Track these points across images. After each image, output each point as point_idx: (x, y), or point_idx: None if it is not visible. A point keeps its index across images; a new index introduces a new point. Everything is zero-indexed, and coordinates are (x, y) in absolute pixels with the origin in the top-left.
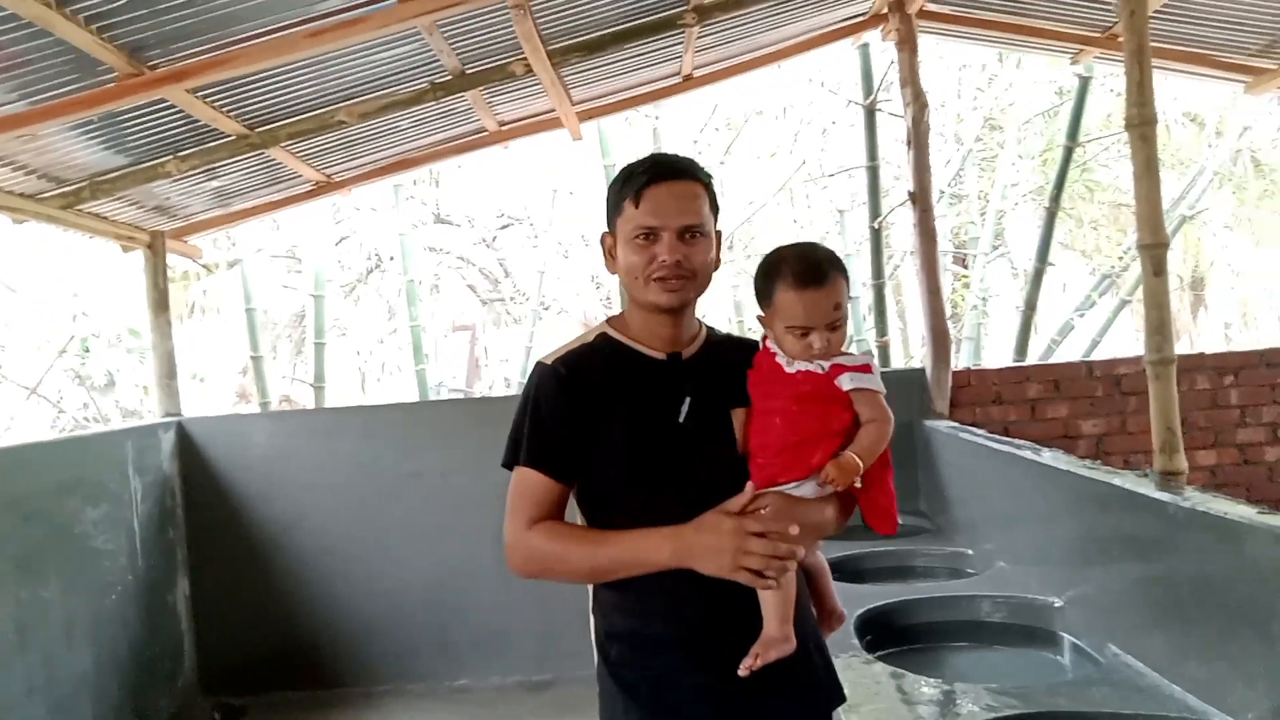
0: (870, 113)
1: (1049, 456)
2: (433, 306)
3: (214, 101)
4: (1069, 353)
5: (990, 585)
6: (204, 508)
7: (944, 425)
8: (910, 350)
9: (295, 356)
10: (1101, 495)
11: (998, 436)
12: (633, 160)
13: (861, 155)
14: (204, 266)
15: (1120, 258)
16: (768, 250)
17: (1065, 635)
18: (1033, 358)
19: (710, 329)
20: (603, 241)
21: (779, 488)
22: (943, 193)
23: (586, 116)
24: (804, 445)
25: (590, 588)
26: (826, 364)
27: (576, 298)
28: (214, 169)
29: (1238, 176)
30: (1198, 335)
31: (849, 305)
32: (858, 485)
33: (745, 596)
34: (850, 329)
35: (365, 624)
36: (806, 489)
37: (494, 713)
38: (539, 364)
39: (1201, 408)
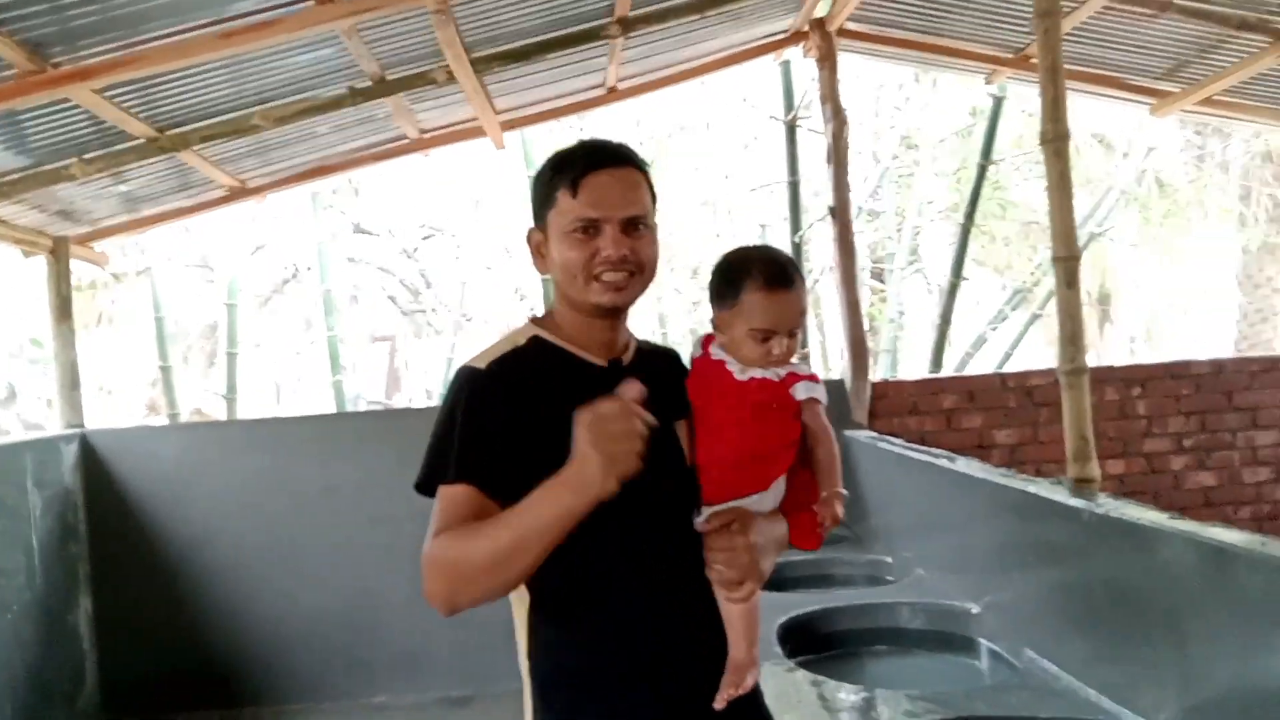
0: (791, 129)
1: (965, 465)
2: (351, 317)
3: (122, 102)
4: (982, 365)
5: (909, 592)
6: (109, 523)
7: (863, 435)
8: (829, 362)
9: (207, 368)
10: (1017, 503)
11: (915, 445)
12: (562, 147)
13: (783, 171)
14: (112, 275)
15: (1032, 273)
16: (715, 258)
17: (982, 641)
18: (948, 370)
19: (634, 337)
20: (530, 239)
21: (737, 503)
22: (860, 209)
23: (510, 126)
24: (762, 459)
25: (523, 629)
26: (782, 372)
27: (499, 309)
28: (122, 172)
29: (1143, 196)
30: (1104, 350)
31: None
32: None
33: (706, 622)
34: None
35: (278, 642)
36: (766, 503)
37: None
38: (466, 369)
39: (1110, 418)
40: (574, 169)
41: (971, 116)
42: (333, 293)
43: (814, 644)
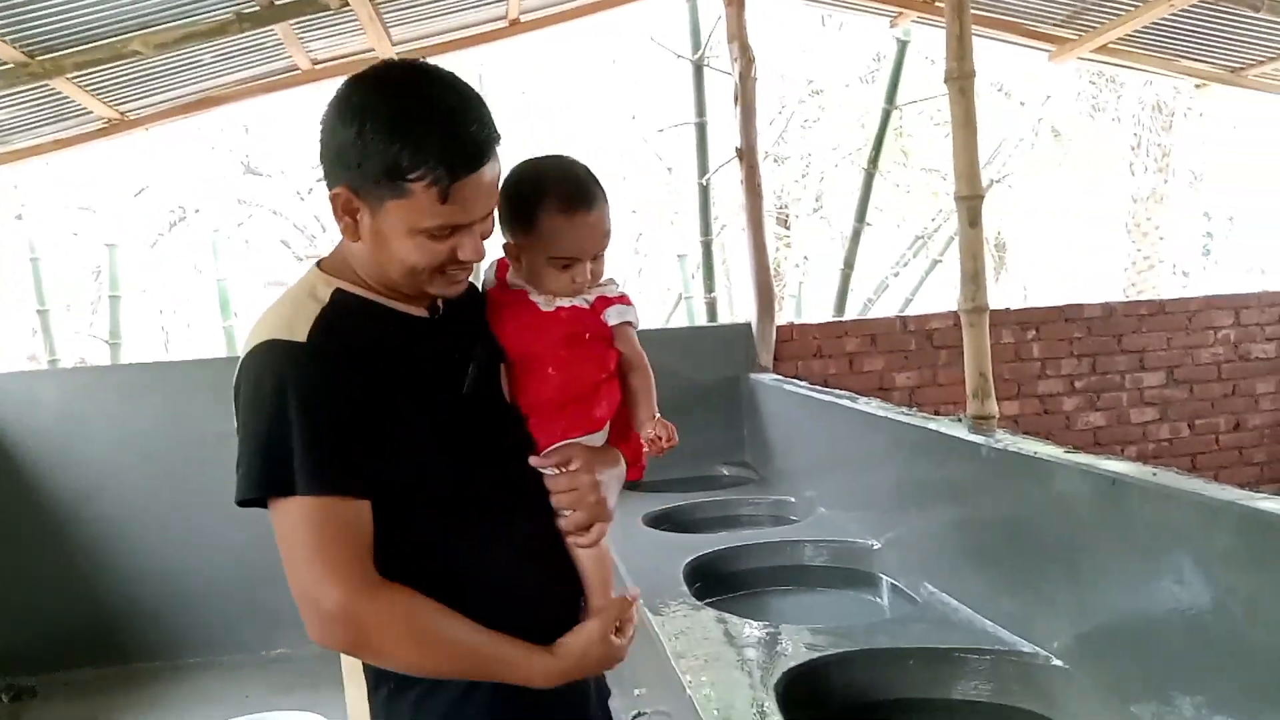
0: (698, 68)
1: (866, 404)
2: (243, 262)
3: None
4: (883, 310)
5: (812, 531)
6: None
7: (768, 378)
8: (735, 307)
9: (91, 314)
10: (917, 440)
11: (818, 387)
12: (412, 111)
13: (690, 112)
14: None
15: (933, 219)
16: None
17: (883, 576)
18: (850, 315)
19: None
20: (336, 200)
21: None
22: (766, 154)
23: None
24: (586, 396)
25: None
26: (591, 297)
27: None
28: None
29: (1039, 145)
30: (999, 296)
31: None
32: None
33: (564, 573)
34: (680, 284)
35: (173, 595)
36: (596, 440)
37: (315, 680)
38: (278, 345)
39: (1006, 360)
40: (444, 167)
41: (875, 62)
42: (222, 235)
43: (720, 584)
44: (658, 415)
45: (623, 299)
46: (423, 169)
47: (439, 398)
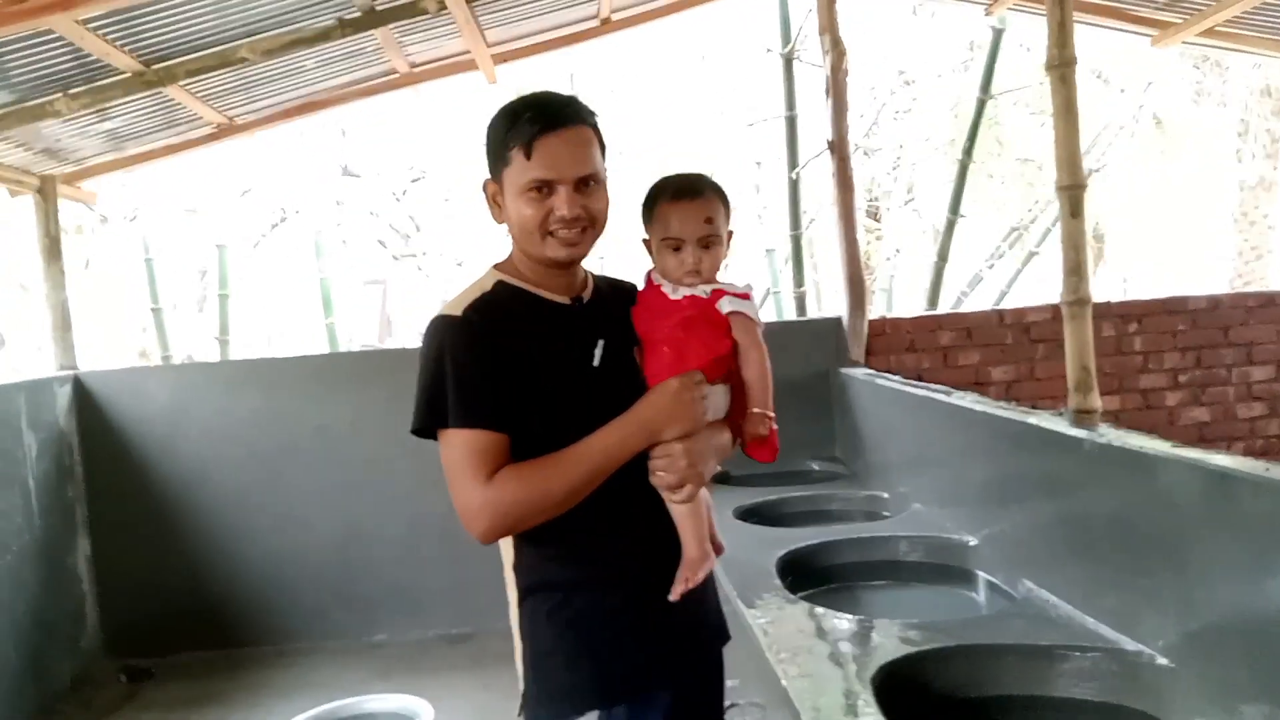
0: (788, 62)
1: (962, 399)
2: (342, 261)
3: (106, 34)
4: (977, 304)
5: (906, 526)
6: (104, 465)
7: (860, 372)
8: (825, 302)
9: (199, 312)
10: (1016, 434)
11: (912, 381)
12: (513, 102)
13: (780, 106)
14: (101, 217)
15: (1029, 210)
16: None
17: (980, 572)
18: (943, 309)
19: (589, 272)
20: (486, 190)
21: None
22: (857, 146)
23: (502, 59)
24: (695, 370)
25: (508, 548)
26: (709, 289)
27: (490, 251)
28: (107, 109)
29: (1140, 133)
30: (1098, 287)
31: (727, 232)
32: (773, 429)
33: (661, 526)
34: (769, 279)
35: (275, 581)
36: (710, 405)
37: (415, 666)
38: (442, 318)
39: (1106, 354)
40: (527, 131)
41: (970, 51)
42: (322, 235)
43: (813, 578)
44: (758, 411)
45: (742, 294)
46: (514, 136)
47: (568, 367)
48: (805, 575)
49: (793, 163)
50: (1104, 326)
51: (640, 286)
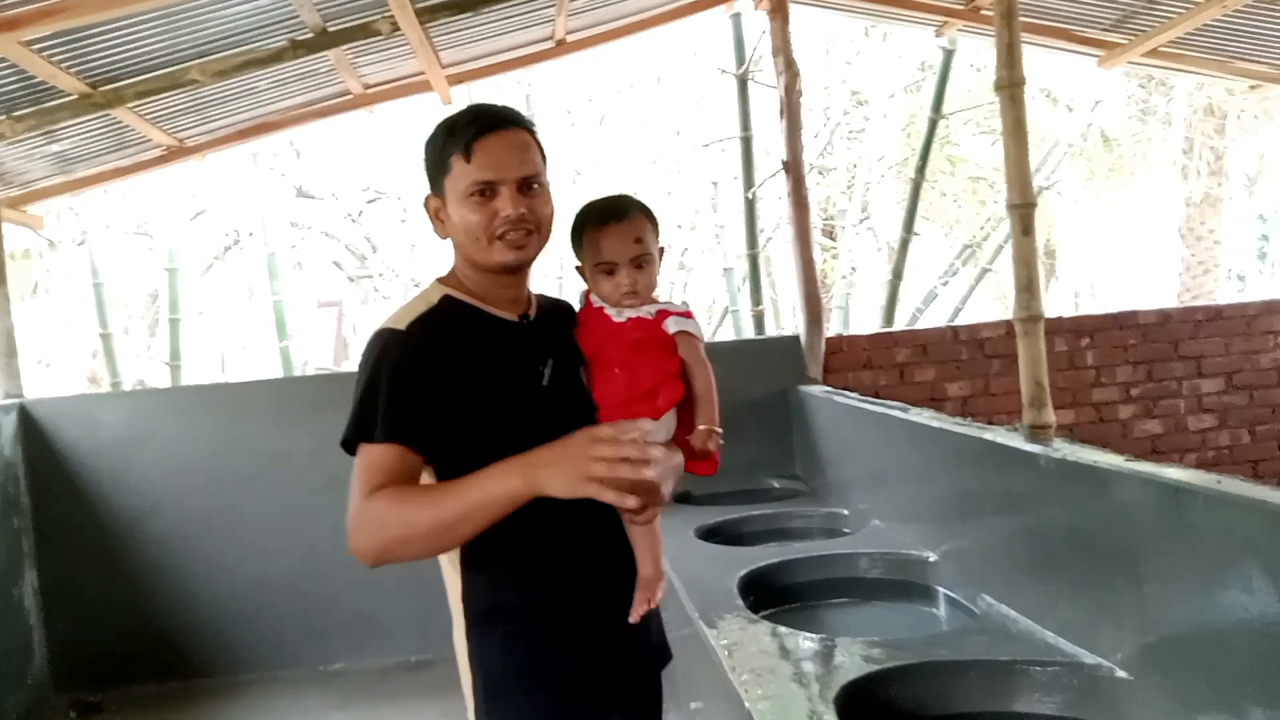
0: (742, 83)
1: (920, 415)
2: (297, 283)
3: (51, 56)
4: (932, 320)
5: (866, 543)
6: (53, 495)
7: (818, 390)
8: (782, 320)
9: (150, 337)
10: (973, 450)
11: (869, 399)
12: (450, 114)
13: (735, 126)
14: (48, 241)
15: (981, 228)
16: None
17: (940, 588)
18: (899, 326)
19: (532, 291)
20: (427, 205)
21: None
22: (811, 166)
23: (456, 80)
24: (648, 393)
25: (454, 574)
26: (653, 309)
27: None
28: (54, 131)
29: (1088, 150)
30: (1050, 303)
31: (658, 249)
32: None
33: (617, 547)
34: (727, 298)
35: (231, 611)
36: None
37: (373, 694)
38: (385, 330)
39: (1060, 369)
40: (466, 134)
41: (921, 71)
42: (276, 258)
43: (774, 597)
44: (704, 427)
45: (684, 313)
46: (453, 142)
47: (516, 387)
48: (767, 594)
49: (748, 183)
50: (1057, 341)
51: (578, 305)
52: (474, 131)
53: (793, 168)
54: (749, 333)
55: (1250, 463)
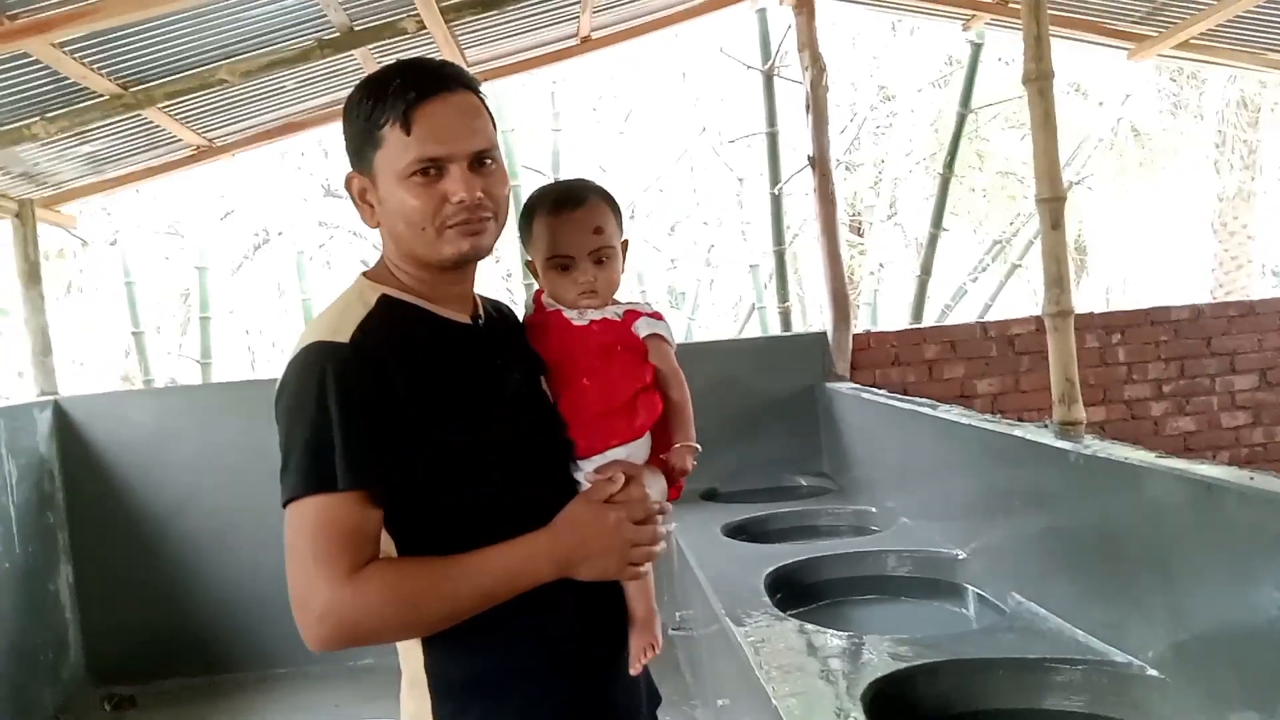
0: (769, 78)
1: (949, 412)
2: (326, 282)
3: (83, 57)
4: (961, 317)
5: (894, 541)
6: (86, 491)
7: (845, 387)
8: (809, 317)
9: (181, 336)
10: (1002, 447)
11: (898, 395)
12: (377, 72)
13: (761, 122)
14: (81, 241)
15: (1011, 223)
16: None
17: (969, 586)
18: (928, 322)
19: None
20: (350, 186)
21: (609, 456)
22: (839, 162)
23: (482, 78)
24: (624, 406)
25: (413, 646)
26: (620, 310)
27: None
28: (86, 132)
29: (1119, 145)
30: (1081, 299)
31: (621, 242)
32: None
33: (606, 591)
34: (753, 295)
35: (259, 607)
36: (640, 454)
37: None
38: (323, 346)
39: (1091, 365)
40: (403, 99)
41: (949, 66)
42: (305, 256)
43: (801, 595)
44: (683, 445)
45: (654, 314)
46: (384, 110)
47: (482, 405)
48: (794, 592)
49: (775, 179)
50: (1087, 338)
51: (525, 312)
52: (413, 96)
53: (819, 163)
54: (775, 329)
55: None
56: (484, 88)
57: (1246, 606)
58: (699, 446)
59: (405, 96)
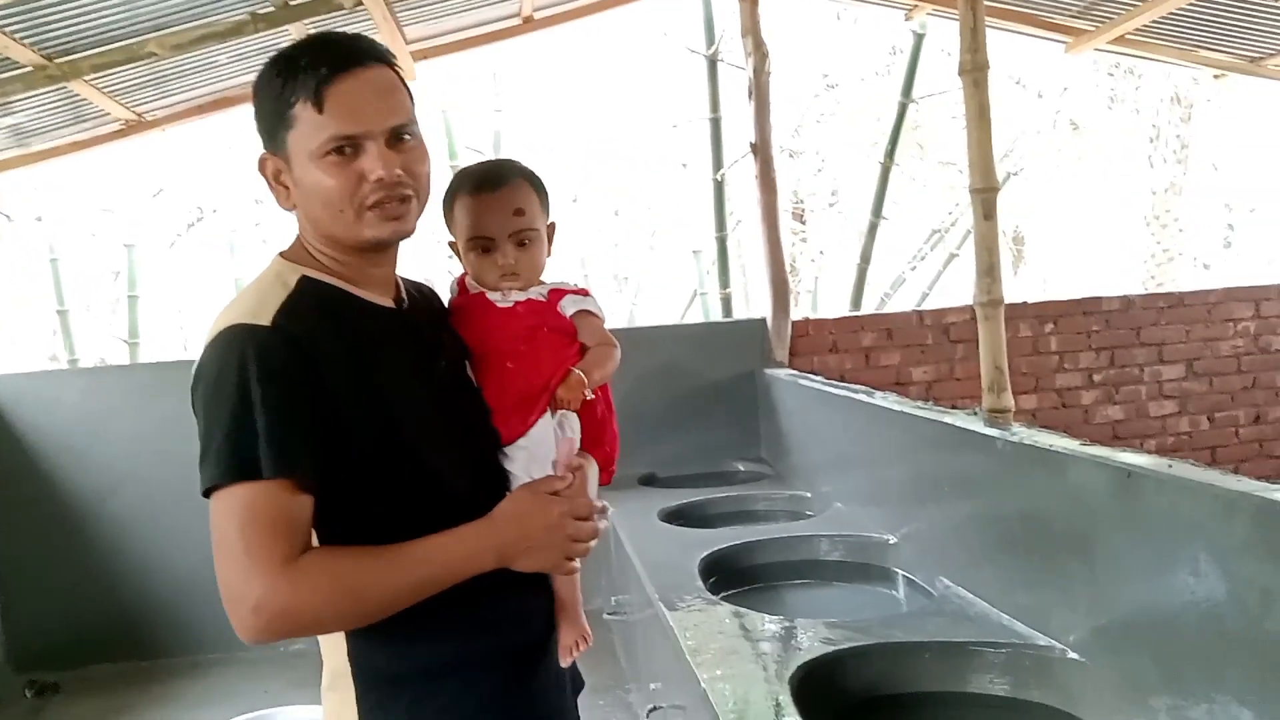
0: (712, 63)
1: (882, 399)
2: (261, 260)
3: (5, 27)
4: (901, 305)
5: (828, 525)
6: (10, 474)
7: (783, 373)
8: (752, 304)
9: (111, 315)
10: (933, 434)
11: (834, 382)
12: (287, 48)
13: (704, 107)
14: (4, 217)
15: (949, 213)
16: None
17: (899, 571)
18: (867, 310)
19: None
20: (263, 168)
21: (536, 433)
22: (781, 149)
23: (421, 56)
24: (547, 389)
25: (335, 635)
26: (545, 290)
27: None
28: (8, 104)
29: (1056, 138)
30: (1017, 289)
31: (547, 225)
32: (588, 396)
33: (535, 582)
34: (695, 281)
35: (189, 590)
36: (572, 436)
37: None
38: (243, 329)
39: (1023, 354)
40: (313, 75)
41: (892, 55)
42: (239, 235)
43: (735, 578)
44: (581, 376)
45: (581, 292)
46: (295, 88)
47: (411, 391)
48: (728, 576)
49: (717, 164)
50: (1021, 327)
51: (450, 296)
52: (325, 71)
53: (761, 150)
54: (717, 315)
55: (1208, 448)
56: (424, 67)
57: (1163, 591)
58: (585, 378)
59: (316, 73)
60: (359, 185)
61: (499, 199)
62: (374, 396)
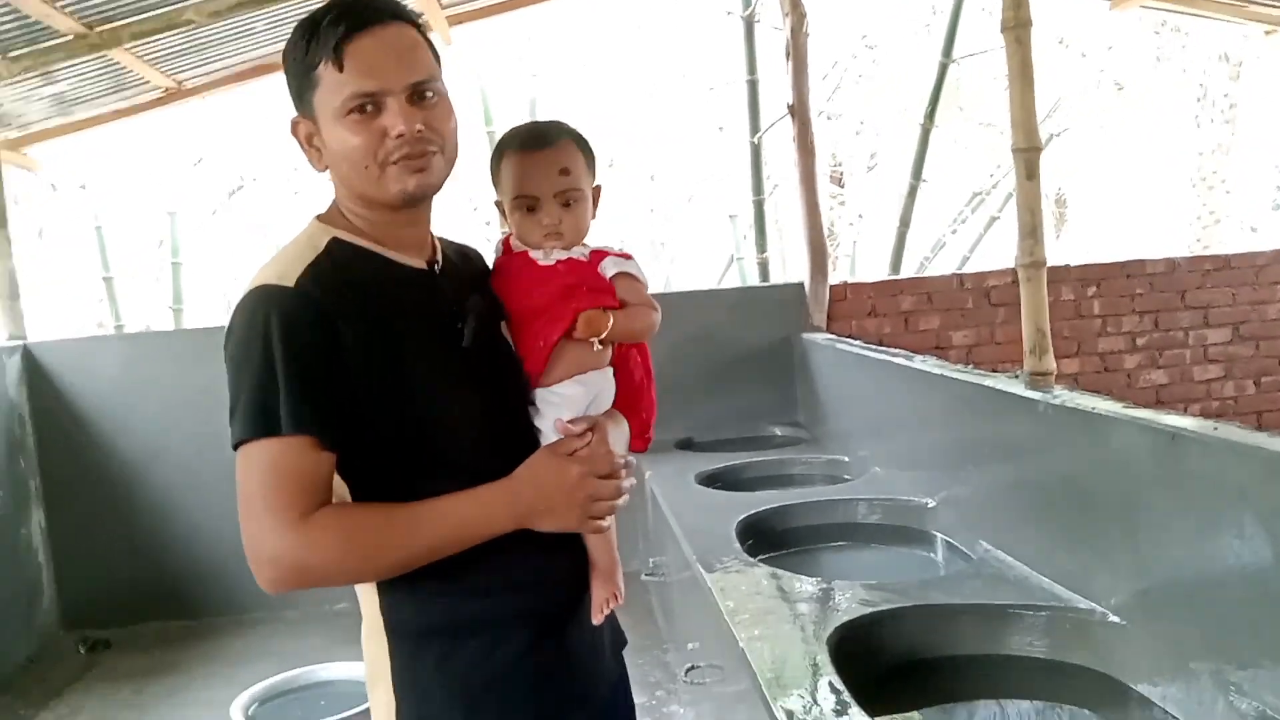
0: (749, 25)
1: (922, 362)
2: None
3: None
4: (940, 269)
5: (866, 489)
6: (57, 436)
7: (821, 338)
8: (789, 268)
9: (155, 283)
10: (973, 397)
11: (873, 346)
12: (314, 13)
13: (741, 69)
14: (50, 185)
15: (991, 175)
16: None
17: (938, 534)
18: (906, 274)
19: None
20: (296, 131)
21: (570, 386)
22: (820, 111)
23: (456, 21)
24: (559, 297)
25: (368, 588)
26: (586, 250)
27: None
28: (51, 72)
29: (1101, 98)
30: (1060, 252)
31: (593, 187)
32: (602, 337)
33: (567, 540)
34: (732, 245)
35: (233, 551)
36: (603, 386)
37: None
38: (268, 289)
39: (1065, 318)
40: (332, 35)
41: (932, 14)
42: (279, 202)
43: (773, 541)
44: (605, 315)
45: (624, 255)
46: (317, 49)
47: (437, 351)
48: (765, 539)
49: (754, 127)
50: (1063, 290)
51: (493, 253)
52: (342, 30)
53: (799, 112)
54: (754, 280)
55: (1255, 413)
56: (460, 31)
57: (1207, 555)
58: (611, 320)
59: (335, 32)
60: (381, 142)
61: (545, 158)
62: (391, 359)
